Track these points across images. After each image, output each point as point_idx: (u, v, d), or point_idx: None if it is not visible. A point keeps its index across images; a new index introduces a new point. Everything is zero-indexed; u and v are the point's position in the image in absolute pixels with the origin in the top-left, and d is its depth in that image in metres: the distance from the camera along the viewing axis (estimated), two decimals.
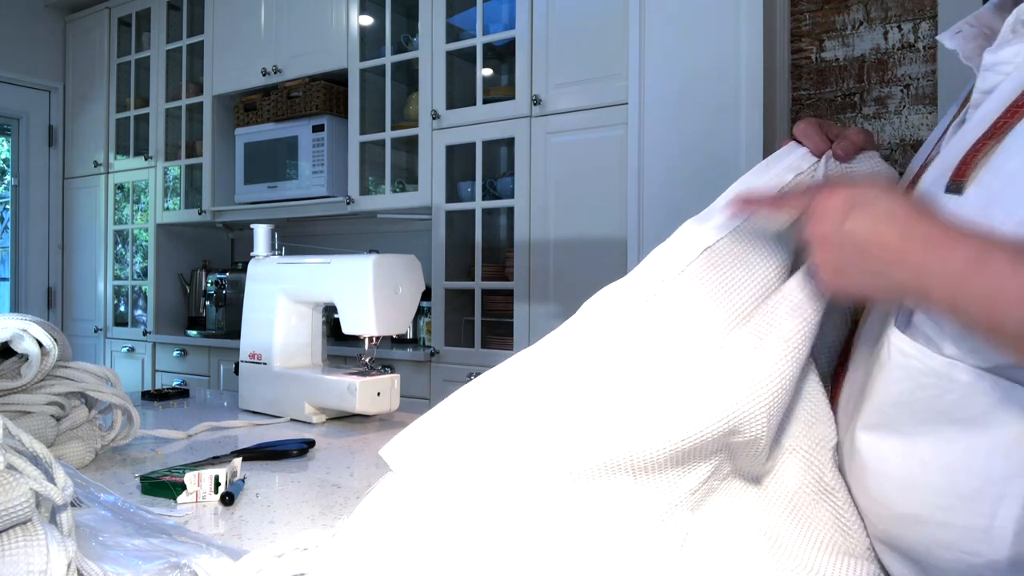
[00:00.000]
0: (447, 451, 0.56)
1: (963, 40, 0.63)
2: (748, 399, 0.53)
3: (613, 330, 0.57)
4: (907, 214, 0.47)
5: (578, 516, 0.54)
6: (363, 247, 2.91)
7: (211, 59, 3.25)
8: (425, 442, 0.57)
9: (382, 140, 2.76)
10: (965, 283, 0.44)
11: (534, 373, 0.58)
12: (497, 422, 0.56)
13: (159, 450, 1.08)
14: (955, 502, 0.51)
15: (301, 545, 0.61)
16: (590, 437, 0.54)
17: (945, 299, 0.46)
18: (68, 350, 0.98)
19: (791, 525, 0.59)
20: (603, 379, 0.56)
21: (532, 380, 0.57)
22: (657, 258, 0.60)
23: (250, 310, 1.44)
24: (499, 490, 0.54)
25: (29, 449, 0.58)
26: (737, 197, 0.60)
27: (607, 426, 0.54)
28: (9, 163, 3.84)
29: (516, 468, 0.54)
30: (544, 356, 0.58)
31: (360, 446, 1.15)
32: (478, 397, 0.58)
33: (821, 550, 0.57)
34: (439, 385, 2.49)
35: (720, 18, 1.97)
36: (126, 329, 3.58)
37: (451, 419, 0.57)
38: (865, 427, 0.56)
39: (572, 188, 2.25)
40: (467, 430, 0.56)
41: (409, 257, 1.34)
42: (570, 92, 2.26)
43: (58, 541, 0.53)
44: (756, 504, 0.60)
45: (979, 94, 0.57)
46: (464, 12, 2.61)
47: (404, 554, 0.54)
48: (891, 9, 2.09)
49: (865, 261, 0.49)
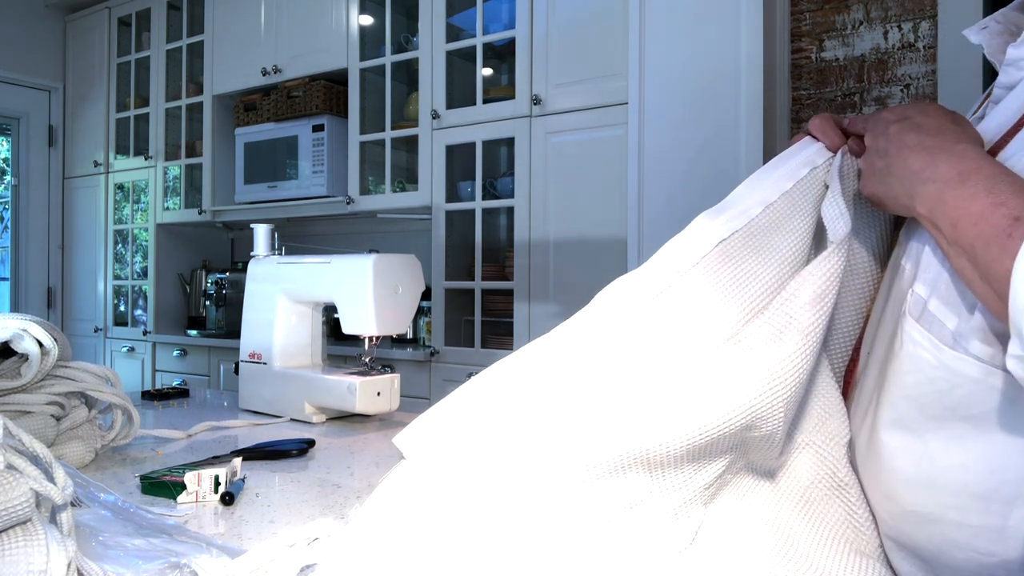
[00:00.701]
0: (461, 440, 0.55)
1: (989, 36, 0.63)
2: (767, 393, 0.52)
3: (628, 321, 0.57)
4: (937, 126, 0.49)
5: (591, 510, 0.53)
6: (363, 247, 2.91)
7: (211, 59, 3.25)
8: (439, 430, 0.56)
9: (382, 140, 2.76)
10: (942, 195, 0.47)
11: (549, 363, 0.57)
12: (511, 412, 0.55)
13: (159, 450, 1.08)
14: (968, 501, 0.50)
15: (312, 535, 0.60)
16: (606, 431, 0.53)
17: (925, 208, 0.48)
18: (68, 350, 0.98)
19: (803, 521, 0.58)
20: (619, 372, 0.55)
21: (547, 371, 0.56)
22: (671, 250, 0.59)
23: (250, 310, 1.44)
24: (513, 481, 0.54)
25: (29, 449, 0.58)
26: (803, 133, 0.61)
27: (623, 420, 0.53)
28: (9, 163, 3.84)
29: (530, 460, 0.54)
30: (558, 346, 0.57)
31: (360, 446, 1.15)
32: (492, 386, 0.57)
33: (832, 547, 0.57)
34: (439, 385, 2.49)
35: (720, 18, 1.97)
36: (126, 329, 3.58)
37: (465, 408, 0.57)
38: (877, 422, 0.56)
39: (572, 188, 2.25)
40: (481, 419, 0.56)
41: (409, 257, 1.34)
42: (570, 92, 2.26)
43: (58, 541, 0.53)
44: (768, 499, 0.59)
45: (1000, 89, 0.58)
46: (464, 12, 2.61)
47: (417, 544, 0.53)
48: (891, 9, 2.09)
49: (890, 165, 0.51)
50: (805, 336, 0.53)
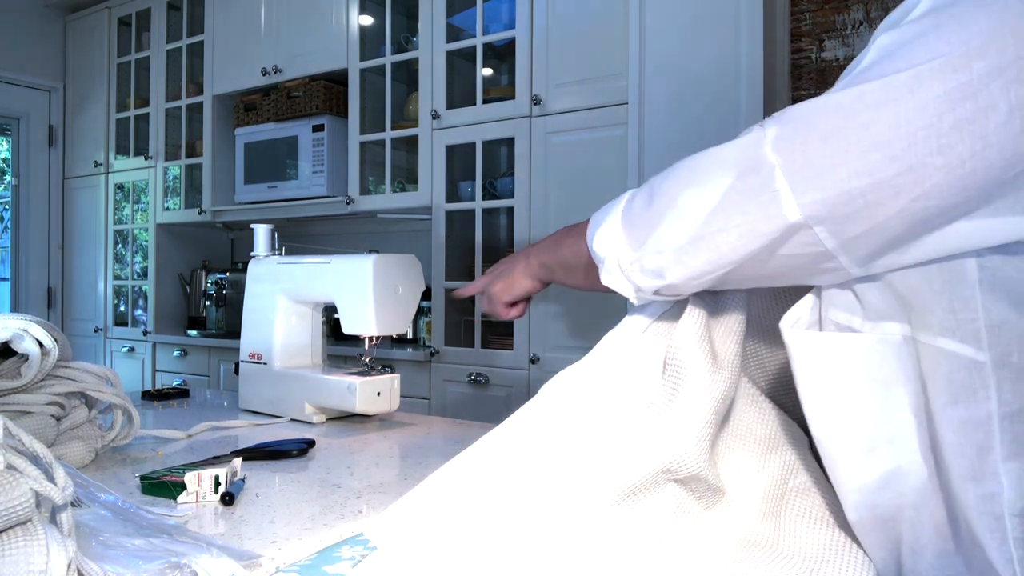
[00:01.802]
0: (426, 527, 0.60)
1: None
2: (673, 444, 0.57)
3: (565, 407, 0.65)
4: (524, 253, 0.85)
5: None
6: (363, 247, 2.91)
7: (211, 59, 3.25)
8: (407, 520, 0.61)
9: (382, 140, 2.76)
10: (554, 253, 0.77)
11: (499, 449, 0.64)
12: (468, 499, 0.61)
13: (159, 450, 1.08)
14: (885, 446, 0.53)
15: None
16: (546, 506, 0.59)
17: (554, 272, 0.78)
18: (68, 350, 0.98)
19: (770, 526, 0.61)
20: (557, 449, 0.62)
21: (497, 456, 0.64)
22: (604, 343, 0.68)
23: (250, 310, 1.44)
24: (478, 560, 0.58)
25: (29, 449, 0.58)
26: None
27: (564, 485, 0.60)
28: (9, 163, 3.84)
29: (489, 540, 0.59)
30: (508, 434, 0.65)
31: (360, 446, 1.15)
32: (452, 477, 0.64)
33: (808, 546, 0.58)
34: (439, 385, 2.49)
35: (720, 18, 1.98)
36: (126, 329, 3.58)
37: (431, 497, 0.62)
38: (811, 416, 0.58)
39: (572, 188, 2.25)
40: (444, 508, 0.61)
41: (409, 257, 1.34)
42: (570, 92, 2.26)
43: (58, 541, 0.53)
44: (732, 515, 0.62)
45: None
46: (464, 12, 2.61)
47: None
48: (891, 9, 2.09)
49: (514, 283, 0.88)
50: (695, 387, 0.59)
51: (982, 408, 0.48)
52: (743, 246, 0.52)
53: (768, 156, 0.50)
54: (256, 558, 0.67)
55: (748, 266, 0.54)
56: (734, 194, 0.52)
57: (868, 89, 0.47)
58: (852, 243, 0.49)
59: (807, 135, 0.49)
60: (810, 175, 0.48)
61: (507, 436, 0.65)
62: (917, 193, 0.46)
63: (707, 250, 0.54)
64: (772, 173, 0.50)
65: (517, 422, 0.66)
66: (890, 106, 0.46)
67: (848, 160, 0.47)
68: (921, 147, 0.45)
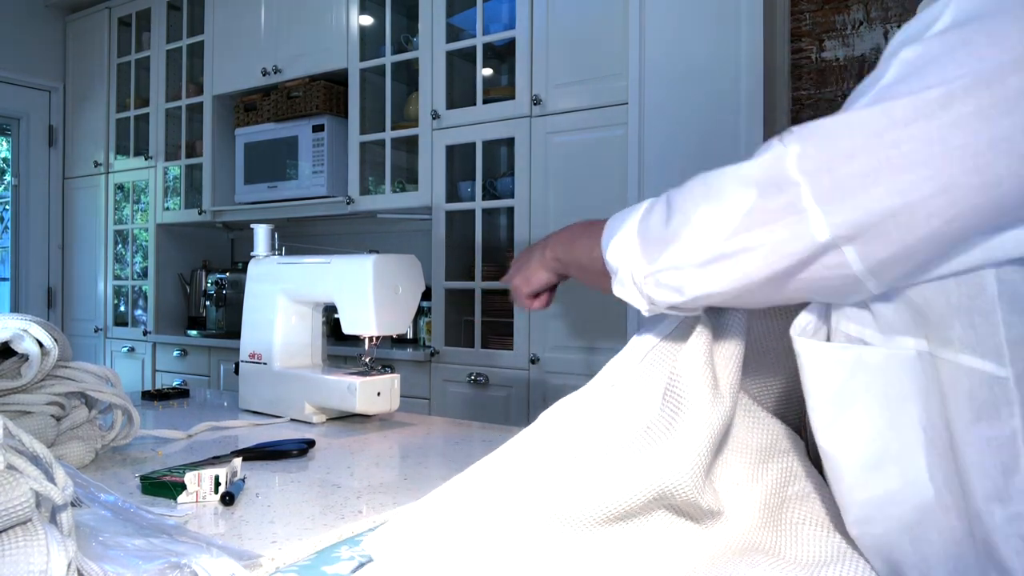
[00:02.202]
0: (423, 543, 0.61)
1: None
2: (667, 471, 0.58)
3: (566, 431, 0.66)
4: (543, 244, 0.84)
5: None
6: (363, 247, 2.91)
7: (211, 59, 3.25)
8: (405, 536, 0.62)
9: (382, 140, 2.76)
10: (569, 251, 0.77)
11: (498, 470, 0.65)
12: (466, 517, 0.62)
13: (159, 450, 1.08)
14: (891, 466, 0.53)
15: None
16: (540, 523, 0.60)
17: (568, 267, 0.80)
18: (68, 350, 0.98)
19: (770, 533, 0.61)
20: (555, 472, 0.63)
21: (495, 477, 0.65)
22: (606, 369, 0.69)
23: (250, 310, 1.44)
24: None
25: (29, 449, 0.58)
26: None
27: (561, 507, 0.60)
28: (9, 163, 3.84)
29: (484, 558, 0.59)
30: (508, 455, 0.66)
31: (360, 446, 1.15)
32: (452, 495, 0.64)
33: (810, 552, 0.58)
34: (439, 385, 2.49)
35: (720, 18, 1.98)
36: (126, 329, 3.58)
37: (429, 514, 0.63)
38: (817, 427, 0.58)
39: (572, 188, 2.25)
40: (441, 525, 0.62)
41: (409, 257, 1.34)
42: (570, 92, 2.26)
43: (58, 541, 0.53)
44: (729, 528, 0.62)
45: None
46: (464, 12, 2.61)
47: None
48: (891, 9, 2.09)
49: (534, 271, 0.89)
50: (696, 416, 0.59)
51: (1006, 426, 0.46)
52: (768, 266, 0.51)
53: (792, 174, 0.49)
54: (256, 558, 0.67)
55: (768, 286, 0.53)
56: (758, 213, 0.51)
57: (896, 106, 0.45)
58: (880, 265, 0.48)
59: (832, 153, 0.47)
60: (838, 196, 0.47)
61: (506, 457, 0.65)
62: (952, 214, 0.44)
63: (731, 268, 0.53)
64: (798, 192, 0.48)
65: (517, 444, 0.66)
66: (920, 123, 0.44)
67: (879, 180, 0.46)
68: (956, 167, 0.44)
